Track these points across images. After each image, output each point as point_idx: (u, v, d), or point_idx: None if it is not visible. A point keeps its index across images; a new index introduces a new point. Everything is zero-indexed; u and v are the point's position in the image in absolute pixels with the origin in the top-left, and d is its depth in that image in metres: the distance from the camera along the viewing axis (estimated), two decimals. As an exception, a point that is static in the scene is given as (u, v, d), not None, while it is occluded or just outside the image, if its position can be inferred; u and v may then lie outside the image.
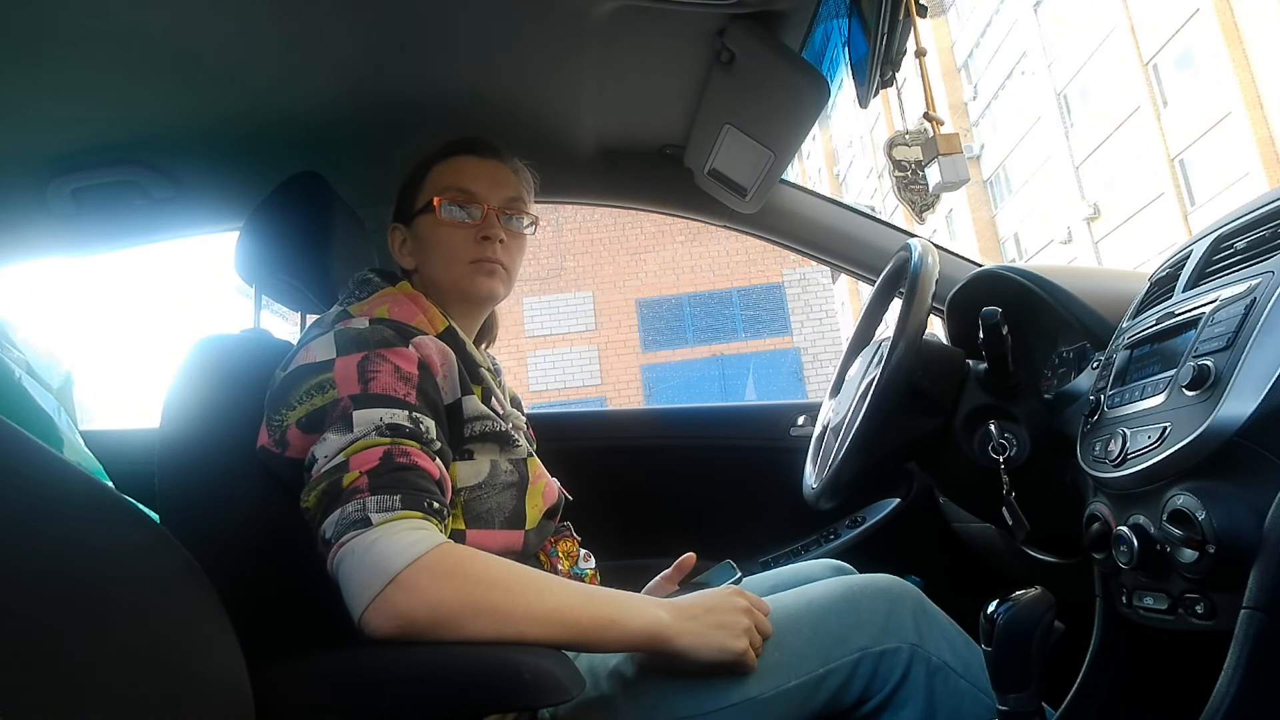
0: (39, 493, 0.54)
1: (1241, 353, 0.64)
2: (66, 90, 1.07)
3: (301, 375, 0.84)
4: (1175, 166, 15.84)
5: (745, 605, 0.83)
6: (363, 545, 0.72)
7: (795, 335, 13.89)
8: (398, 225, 1.05)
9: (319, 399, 0.82)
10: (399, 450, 0.78)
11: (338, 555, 0.73)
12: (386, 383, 0.82)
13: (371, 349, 0.85)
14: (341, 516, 0.74)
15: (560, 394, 13.34)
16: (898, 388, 0.94)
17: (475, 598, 0.72)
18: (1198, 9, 14.65)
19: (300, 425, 0.82)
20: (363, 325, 0.88)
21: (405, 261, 1.03)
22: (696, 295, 14.11)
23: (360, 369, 0.83)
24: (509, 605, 0.74)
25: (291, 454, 0.83)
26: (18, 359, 1.29)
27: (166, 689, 0.54)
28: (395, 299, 0.96)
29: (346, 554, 0.72)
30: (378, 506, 0.74)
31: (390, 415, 0.80)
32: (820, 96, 1.08)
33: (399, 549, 0.71)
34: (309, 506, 0.78)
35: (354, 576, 0.71)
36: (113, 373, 16.48)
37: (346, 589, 0.72)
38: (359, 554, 0.72)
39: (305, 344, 0.87)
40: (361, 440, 0.78)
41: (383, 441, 0.78)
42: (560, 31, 1.05)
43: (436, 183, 1.03)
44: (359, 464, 0.76)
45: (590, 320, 13.79)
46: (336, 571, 0.73)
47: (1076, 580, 0.93)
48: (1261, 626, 0.58)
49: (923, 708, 0.85)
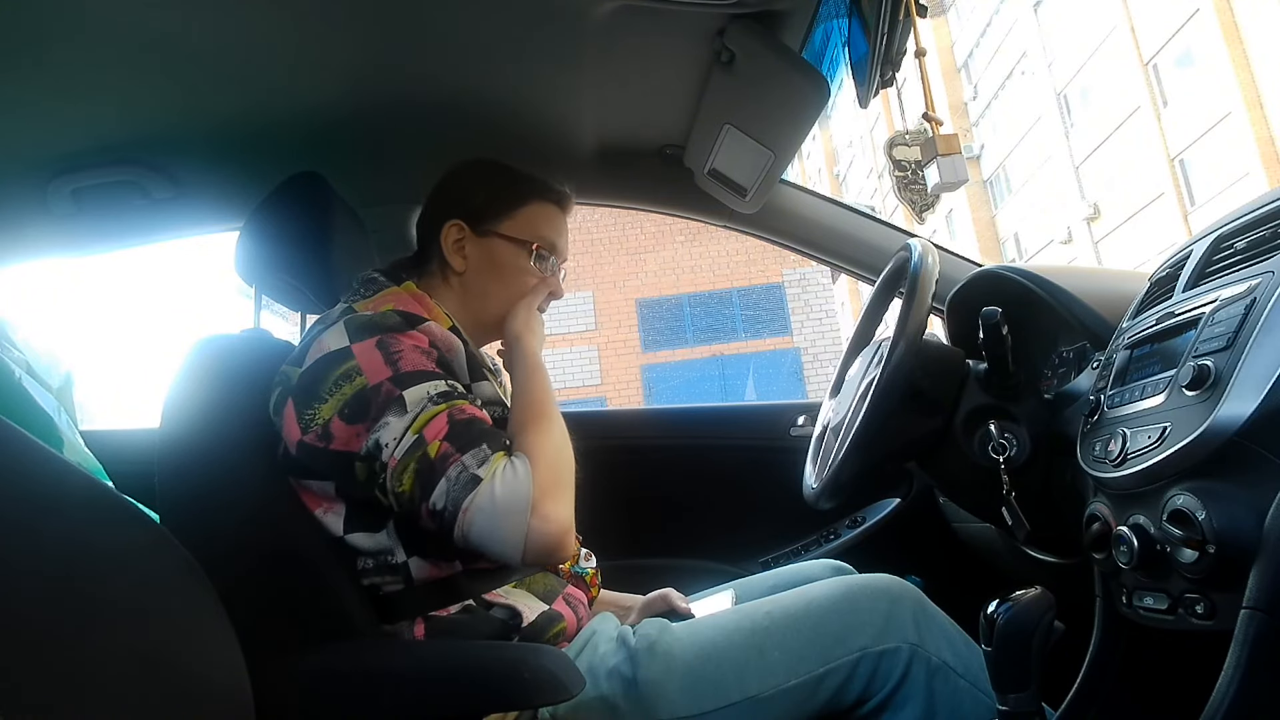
0: (39, 493, 0.54)
1: (1241, 353, 0.64)
2: (67, 90, 1.07)
3: (324, 366, 0.85)
4: (1175, 166, 15.83)
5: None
6: (487, 499, 0.78)
7: (795, 335, 13.88)
8: (462, 225, 1.02)
9: (348, 388, 0.83)
10: (456, 410, 0.83)
11: (467, 518, 0.78)
12: (413, 360, 0.85)
13: (384, 333, 0.86)
14: (450, 484, 0.79)
15: (560, 394, 13.14)
16: (898, 388, 0.94)
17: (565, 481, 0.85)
18: (1198, 9, 14.65)
19: (343, 416, 0.83)
20: (373, 314, 0.88)
21: (454, 261, 1.02)
22: (696, 295, 14.10)
23: (383, 351, 0.84)
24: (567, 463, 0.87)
25: (337, 446, 0.83)
26: (18, 359, 1.29)
27: (166, 689, 0.54)
28: (400, 298, 0.96)
29: (476, 513, 0.78)
30: (476, 461, 0.80)
31: (434, 386, 0.84)
32: (820, 96, 1.08)
33: (514, 487, 0.79)
34: (405, 490, 0.80)
35: (499, 526, 0.78)
36: (113, 373, 16.47)
37: (493, 540, 0.78)
38: (488, 509, 0.78)
39: (315, 338, 0.88)
40: (421, 415, 0.82)
41: (440, 409, 0.82)
42: (560, 31, 1.05)
43: (533, 222, 1.04)
44: (432, 434, 0.81)
45: (590, 320, 13.78)
46: (469, 531, 0.78)
47: (1076, 580, 0.93)
48: (1261, 626, 0.58)
49: (923, 708, 0.85)
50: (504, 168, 1.06)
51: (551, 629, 0.90)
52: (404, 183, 1.48)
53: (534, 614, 0.90)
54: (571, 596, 0.96)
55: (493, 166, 1.06)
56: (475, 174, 1.06)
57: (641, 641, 0.90)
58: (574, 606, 0.95)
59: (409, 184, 1.49)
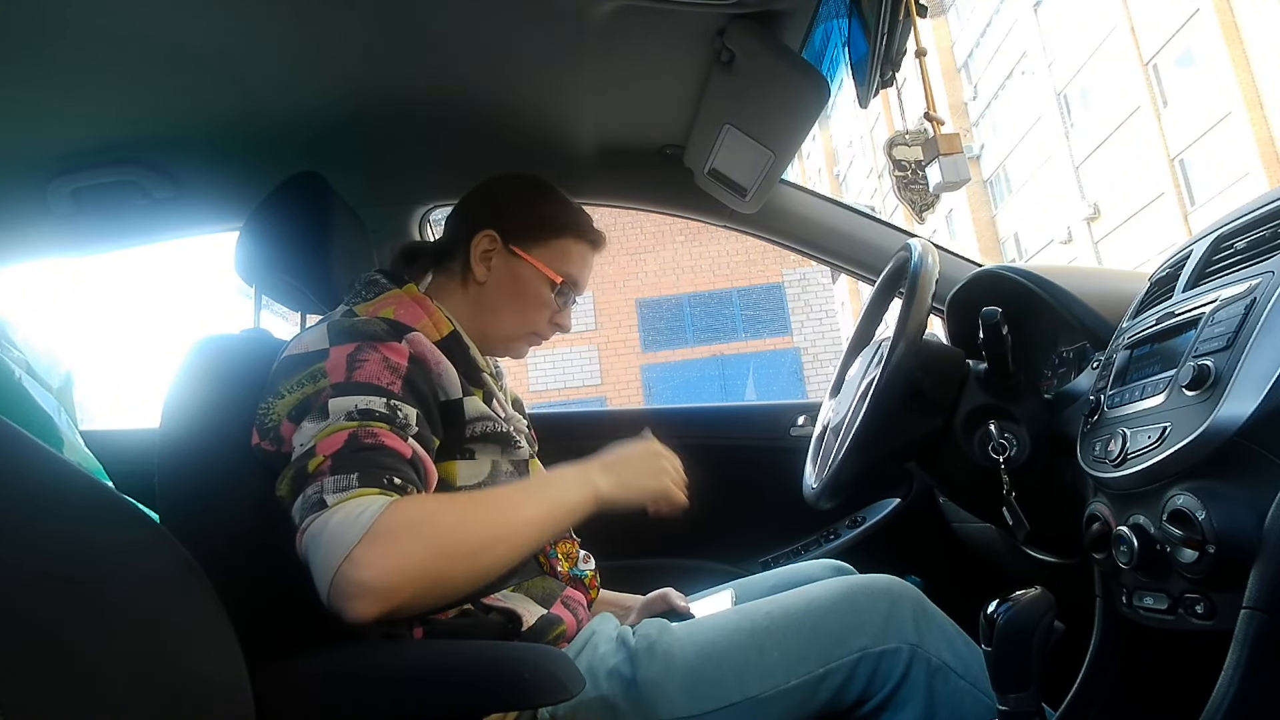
0: (39, 493, 0.54)
1: (1241, 353, 0.64)
2: (67, 90, 1.07)
3: (294, 364, 0.84)
4: (1175, 166, 15.83)
5: (658, 449, 0.92)
6: (318, 527, 0.70)
7: (795, 335, 13.88)
8: (495, 237, 1.01)
9: (310, 388, 0.82)
10: (365, 432, 0.76)
11: (302, 541, 0.72)
12: (372, 371, 0.82)
13: (364, 340, 0.84)
14: (304, 501, 0.73)
15: (560, 394, 13.34)
16: (898, 388, 0.94)
17: (430, 546, 0.71)
18: (1198, 9, 14.65)
19: (290, 418, 0.82)
20: (358, 319, 0.88)
21: (478, 270, 1.00)
22: (696, 295, 14.10)
23: (349, 359, 0.83)
24: (474, 539, 0.74)
25: (287, 449, 0.82)
26: (18, 359, 1.29)
27: (166, 689, 0.54)
28: (401, 301, 0.96)
29: (308, 539, 0.71)
30: (334, 487, 0.72)
31: (365, 402, 0.79)
32: (820, 96, 1.08)
33: (348, 525, 0.69)
34: (283, 495, 0.77)
35: (313, 560, 0.69)
36: (113, 373, 16.47)
37: (313, 574, 0.70)
38: (316, 536, 0.70)
39: (299, 337, 0.87)
40: (330, 426, 0.77)
41: (349, 425, 0.77)
42: (560, 31, 1.05)
43: (566, 257, 1.03)
44: (324, 448, 0.75)
45: (590, 320, 13.78)
46: (305, 557, 0.72)
47: (1076, 580, 0.93)
48: (1261, 626, 0.58)
49: (922, 708, 0.85)
50: (553, 193, 1.06)
51: (551, 632, 0.90)
52: (404, 183, 1.48)
53: (533, 618, 0.90)
54: (570, 599, 0.96)
55: (542, 188, 1.06)
56: (523, 191, 1.05)
57: (641, 641, 0.90)
58: (573, 609, 0.95)
59: (409, 184, 1.49)
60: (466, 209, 1.06)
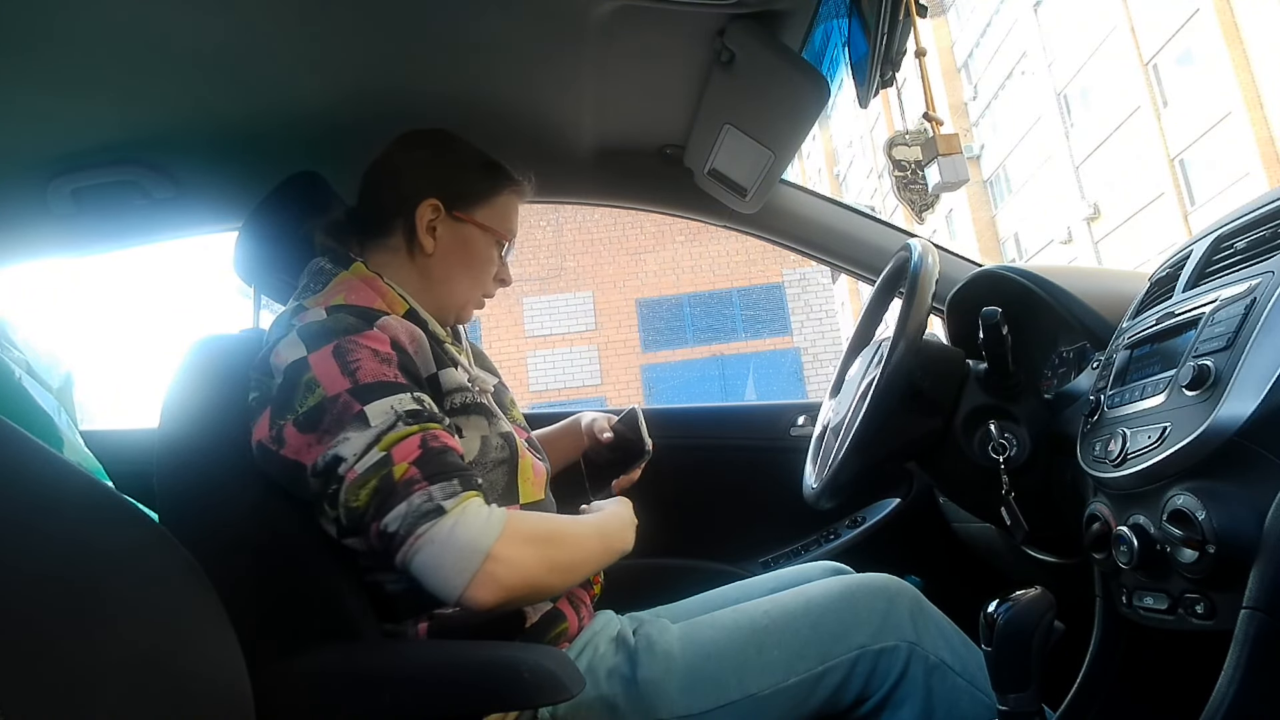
0: (39, 493, 0.54)
1: (1241, 353, 0.64)
2: (67, 90, 1.07)
3: (292, 379, 0.82)
4: (1175, 166, 15.83)
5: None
6: (443, 532, 0.76)
7: (795, 335, 13.89)
8: (439, 205, 0.98)
9: (310, 399, 0.81)
10: (430, 435, 0.81)
11: (415, 545, 0.76)
12: (372, 369, 0.82)
13: (340, 336, 0.83)
14: (409, 509, 0.76)
15: (560, 394, 13.34)
16: (898, 388, 0.94)
17: (548, 558, 0.82)
18: (1198, 9, 14.65)
19: (297, 424, 0.81)
20: (321, 316, 0.86)
21: (425, 242, 0.98)
22: (696, 295, 14.11)
23: (339, 360, 0.81)
24: (567, 558, 0.85)
25: (287, 453, 0.81)
26: (18, 359, 1.29)
27: (166, 689, 0.54)
28: (351, 285, 0.93)
29: (426, 543, 0.76)
30: (443, 494, 0.77)
31: (399, 402, 0.81)
32: (820, 96, 1.08)
33: (481, 528, 0.77)
34: (359, 505, 0.78)
35: (443, 561, 0.75)
36: (113, 373, 16.48)
37: (435, 574, 0.76)
38: (441, 540, 0.76)
39: (273, 348, 0.85)
40: (391, 433, 0.79)
41: (412, 430, 0.80)
42: (560, 31, 1.05)
43: (505, 213, 1.03)
44: (401, 455, 0.78)
45: (590, 320, 13.78)
46: (412, 560, 0.76)
47: (1076, 580, 0.93)
48: (1261, 626, 0.58)
49: (921, 706, 0.85)
50: (475, 151, 1.05)
51: (553, 629, 0.90)
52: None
53: (537, 613, 0.90)
54: (574, 595, 0.96)
55: (465, 149, 1.04)
56: (451, 155, 1.03)
57: (641, 641, 0.90)
58: (576, 606, 0.95)
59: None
60: (390, 180, 1.02)
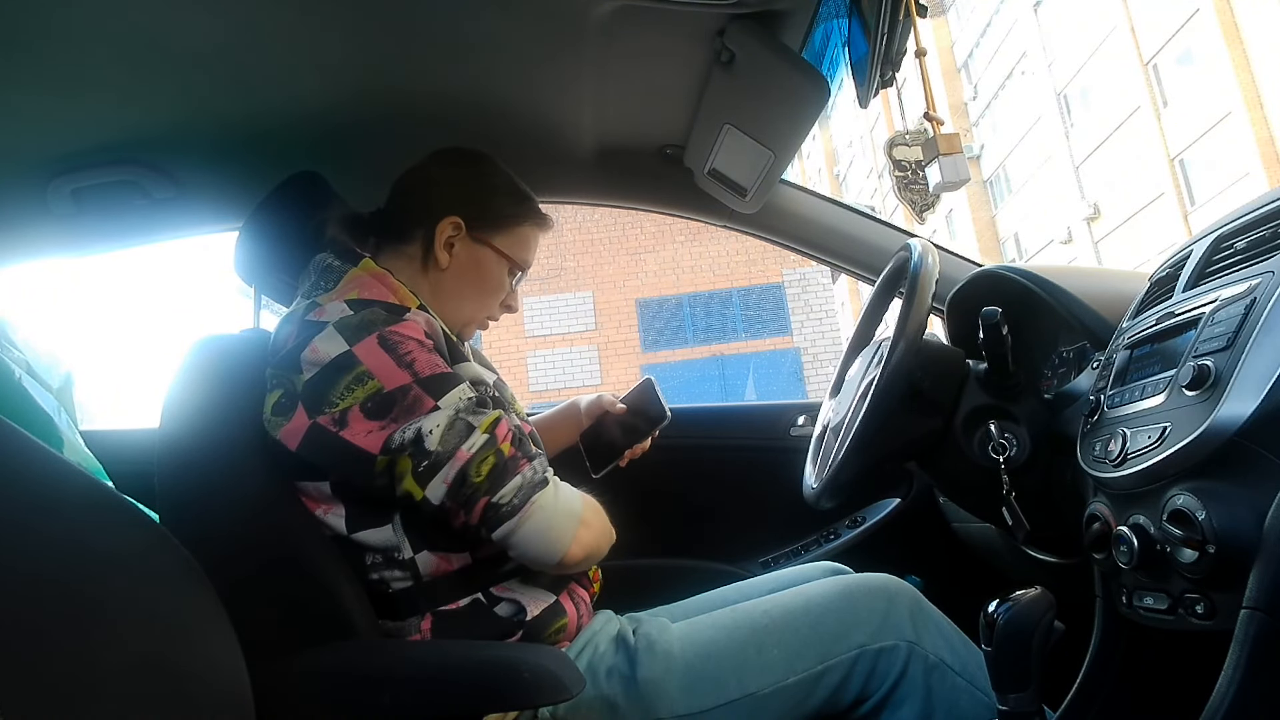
0: (39, 493, 0.54)
1: (1241, 353, 0.64)
2: (67, 90, 1.07)
3: (330, 373, 0.83)
4: (1175, 166, 15.83)
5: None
6: (549, 500, 0.85)
7: (795, 335, 13.88)
8: (460, 224, 1.00)
9: (360, 391, 0.82)
10: (506, 419, 0.88)
11: (528, 513, 0.83)
12: (425, 360, 0.85)
13: (380, 328, 0.85)
14: (523, 482, 0.84)
15: (560, 394, 13.32)
16: (898, 388, 0.94)
17: (603, 526, 0.92)
18: (1198, 9, 14.65)
19: (365, 410, 0.82)
20: (345, 311, 0.86)
21: (441, 256, 1.00)
22: (696, 295, 14.10)
23: (390, 352, 0.84)
24: (608, 529, 0.93)
25: (349, 436, 0.82)
26: (18, 359, 1.29)
27: (166, 689, 0.54)
28: (362, 281, 0.94)
29: (538, 510, 0.84)
30: (542, 468, 0.87)
31: (464, 390, 0.87)
32: (820, 96, 1.08)
33: (572, 496, 0.88)
34: (479, 480, 0.83)
35: (553, 524, 0.84)
36: (113, 373, 16.48)
37: (544, 536, 0.84)
38: (549, 508, 0.85)
39: (303, 345, 0.85)
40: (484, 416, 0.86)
41: (497, 414, 0.87)
42: (560, 31, 1.05)
43: (525, 243, 1.05)
44: (502, 436, 0.86)
45: (590, 320, 13.78)
46: (522, 527, 0.83)
47: (1076, 580, 0.93)
48: (1261, 626, 0.58)
49: (920, 706, 0.85)
50: (508, 178, 1.06)
51: (554, 624, 0.91)
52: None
53: (539, 608, 0.90)
54: (574, 592, 0.96)
55: (499, 174, 1.06)
56: (483, 178, 1.05)
57: (641, 640, 0.90)
58: (576, 603, 0.95)
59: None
60: (420, 191, 1.03)
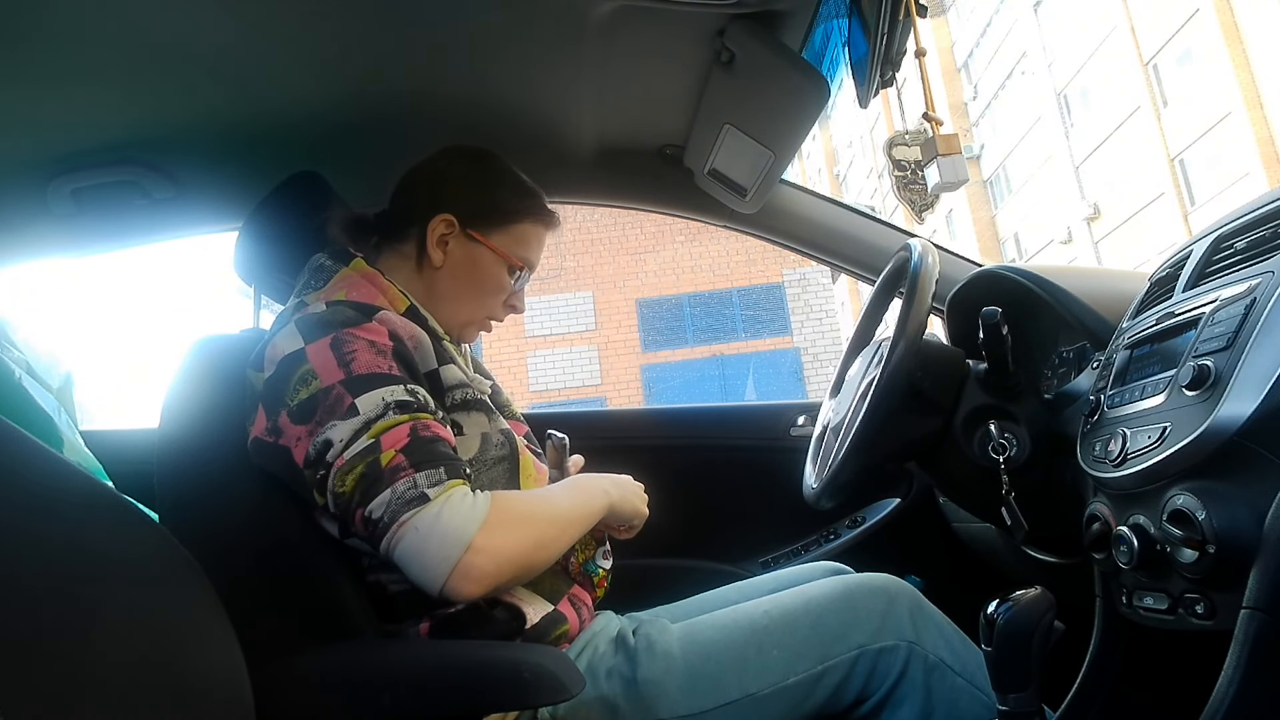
0: (39, 493, 0.54)
1: (1241, 353, 0.64)
2: (66, 90, 1.07)
3: (285, 371, 0.83)
4: (1175, 166, 15.83)
5: (637, 484, 1.01)
6: (427, 520, 0.75)
7: (795, 335, 13.89)
8: (453, 221, 0.98)
9: (304, 391, 0.81)
10: (420, 425, 0.80)
11: (399, 533, 0.76)
12: (367, 360, 0.82)
13: (338, 329, 0.83)
14: (394, 496, 0.76)
15: (560, 394, 13.34)
16: (898, 388, 0.94)
17: (531, 537, 0.81)
18: (1198, 9, 14.65)
19: (290, 415, 0.81)
20: (321, 309, 0.86)
21: (434, 255, 0.98)
22: (696, 295, 14.11)
23: (336, 352, 0.82)
24: (550, 533, 0.84)
25: (284, 441, 0.81)
26: (18, 359, 1.29)
27: (166, 689, 0.54)
28: (352, 281, 0.93)
29: (409, 531, 0.75)
30: (428, 482, 0.77)
31: (390, 393, 0.81)
32: (820, 96, 1.08)
33: (465, 517, 0.76)
34: (345, 491, 0.78)
35: (426, 549, 0.75)
36: (113, 373, 16.48)
37: (417, 562, 0.75)
38: (425, 529, 0.75)
39: (270, 340, 0.86)
40: (381, 421, 0.79)
41: (403, 419, 0.80)
42: (559, 31, 1.05)
43: (524, 241, 1.02)
44: (390, 443, 0.78)
45: (590, 320, 13.78)
46: (396, 548, 0.76)
47: (1076, 580, 0.93)
48: (1261, 626, 0.58)
49: (920, 706, 0.85)
50: (510, 175, 1.04)
51: (555, 631, 0.90)
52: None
53: (538, 616, 0.89)
54: (576, 597, 0.95)
55: (498, 168, 1.04)
56: (479, 172, 1.03)
57: (641, 641, 0.90)
58: (578, 608, 0.94)
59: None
60: (418, 189, 1.02)
